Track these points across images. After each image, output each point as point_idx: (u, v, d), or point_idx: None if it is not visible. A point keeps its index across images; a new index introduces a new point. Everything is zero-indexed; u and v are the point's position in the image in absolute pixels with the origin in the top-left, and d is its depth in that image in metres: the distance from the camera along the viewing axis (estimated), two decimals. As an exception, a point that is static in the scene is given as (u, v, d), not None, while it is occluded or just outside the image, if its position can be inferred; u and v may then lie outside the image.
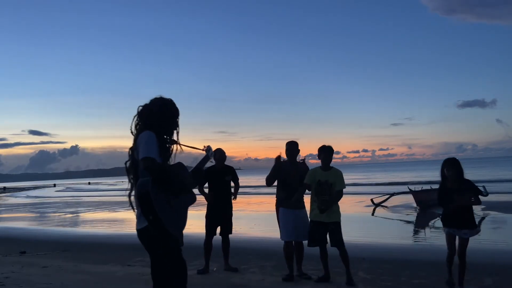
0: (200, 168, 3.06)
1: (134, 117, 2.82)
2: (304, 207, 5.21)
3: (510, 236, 9.69)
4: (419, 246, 8.24)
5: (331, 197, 4.85)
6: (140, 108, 2.83)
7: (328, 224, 4.87)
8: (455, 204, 4.36)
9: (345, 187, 4.98)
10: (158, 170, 2.49)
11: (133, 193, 2.72)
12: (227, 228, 5.81)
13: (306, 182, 5.05)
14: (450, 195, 4.38)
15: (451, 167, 4.42)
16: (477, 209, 13.89)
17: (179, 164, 2.78)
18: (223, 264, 5.85)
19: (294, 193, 5.17)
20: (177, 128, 2.87)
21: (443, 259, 4.64)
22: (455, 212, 4.39)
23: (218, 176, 5.75)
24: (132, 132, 2.78)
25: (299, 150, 5.35)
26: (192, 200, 2.79)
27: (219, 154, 5.80)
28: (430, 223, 11.91)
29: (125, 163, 2.76)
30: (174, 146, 2.87)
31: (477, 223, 4.52)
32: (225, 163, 5.92)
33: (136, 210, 2.72)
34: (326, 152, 4.99)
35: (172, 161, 2.84)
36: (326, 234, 4.92)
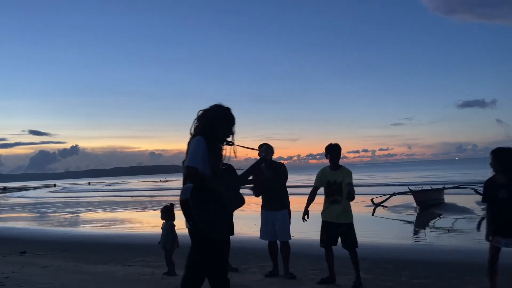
0: (250, 171, 3.11)
1: (194, 120, 2.94)
2: (284, 208, 5.19)
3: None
4: (419, 246, 8.25)
5: (343, 198, 4.66)
6: (200, 112, 2.95)
7: (339, 225, 4.69)
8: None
9: (352, 184, 4.71)
10: (197, 179, 2.65)
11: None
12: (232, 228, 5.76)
13: (315, 185, 4.92)
14: (495, 190, 3.75)
15: (492, 156, 3.77)
16: (477, 209, 13.89)
17: (227, 169, 2.91)
18: None
19: (273, 196, 5.17)
20: (232, 135, 2.97)
21: (443, 259, 4.62)
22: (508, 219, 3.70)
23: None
24: (190, 133, 2.93)
25: (273, 152, 5.31)
26: (239, 203, 2.90)
27: None
28: (430, 223, 11.92)
29: (182, 162, 2.94)
30: (229, 149, 2.97)
31: (477, 224, 4.13)
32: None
33: None
34: (334, 151, 4.78)
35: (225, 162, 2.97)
36: (337, 235, 4.73)
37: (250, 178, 4.70)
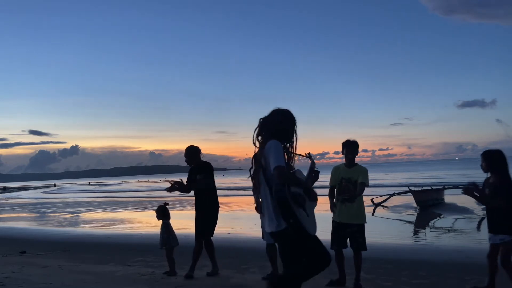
0: (310, 176, 3.20)
1: (256, 128, 3.07)
2: None
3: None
4: (419, 246, 8.25)
5: (354, 191, 4.49)
6: (261, 120, 3.08)
7: (350, 225, 4.54)
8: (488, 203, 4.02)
9: (368, 185, 4.55)
10: (288, 178, 2.79)
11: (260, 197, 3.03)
12: (202, 230, 5.38)
13: (330, 185, 4.73)
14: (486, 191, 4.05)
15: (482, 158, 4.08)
16: (477, 209, 13.89)
17: (298, 171, 3.04)
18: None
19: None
20: (296, 135, 3.10)
21: (443, 259, 4.64)
22: (487, 214, 4.10)
23: (189, 176, 5.53)
24: (254, 143, 3.06)
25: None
26: (315, 203, 3.04)
27: (185, 153, 5.60)
28: (430, 223, 11.93)
29: (249, 170, 3.05)
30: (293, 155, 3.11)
31: (477, 224, 4.30)
32: (225, 161, 5.81)
33: (264, 213, 2.95)
34: (351, 147, 4.58)
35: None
36: (347, 236, 4.59)
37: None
